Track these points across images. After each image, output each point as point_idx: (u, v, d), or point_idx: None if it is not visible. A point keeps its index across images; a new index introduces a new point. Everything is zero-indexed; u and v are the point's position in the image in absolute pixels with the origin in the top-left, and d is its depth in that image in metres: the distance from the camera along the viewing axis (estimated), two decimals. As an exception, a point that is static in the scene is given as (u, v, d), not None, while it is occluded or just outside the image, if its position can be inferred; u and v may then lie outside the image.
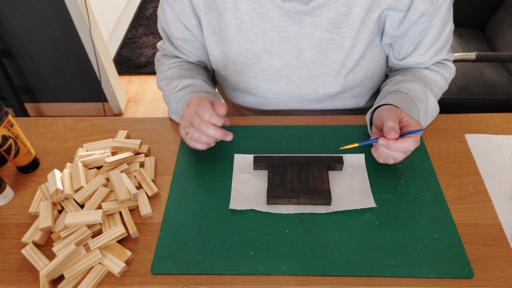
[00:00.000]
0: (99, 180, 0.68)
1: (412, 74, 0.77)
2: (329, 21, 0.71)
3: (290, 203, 0.66)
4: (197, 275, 0.59)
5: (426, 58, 0.76)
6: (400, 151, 0.62)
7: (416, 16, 0.69)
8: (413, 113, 0.71)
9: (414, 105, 0.71)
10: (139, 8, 2.79)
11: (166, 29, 0.82)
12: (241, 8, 0.73)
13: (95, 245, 0.60)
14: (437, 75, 0.77)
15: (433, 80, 0.77)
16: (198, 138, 0.66)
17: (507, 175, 0.70)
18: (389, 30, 0.73)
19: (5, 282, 0.59)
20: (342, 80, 0.78)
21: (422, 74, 0.77)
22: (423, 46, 0.75)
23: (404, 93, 0.73)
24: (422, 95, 0.73)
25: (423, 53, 0.75)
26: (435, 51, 0.76)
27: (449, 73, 0.80)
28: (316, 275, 0.58)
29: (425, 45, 0.74)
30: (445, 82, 0.79)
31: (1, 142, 0.69)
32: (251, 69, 0.79)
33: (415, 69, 0.79)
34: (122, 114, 2.14)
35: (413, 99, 0.72)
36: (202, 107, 0.65)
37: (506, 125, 0.78)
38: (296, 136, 0.78)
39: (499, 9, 1.55)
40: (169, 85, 0.79)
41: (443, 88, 0.80)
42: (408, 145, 0.61)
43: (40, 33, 1.79)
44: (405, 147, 0.61)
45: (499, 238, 0.61)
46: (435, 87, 0.77)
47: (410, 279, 0.57)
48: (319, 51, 0.75)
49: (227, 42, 0.77)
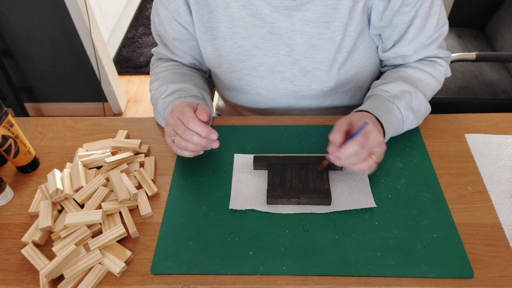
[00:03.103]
0: (99, 180, 0.68)
1: (395, 75, 0.76)
2: (318, 16, 0.71)
3: (290, 203, 0.66)
4: (197, 275, 0.59)
5: (410, 50, 0.75)
6: (349, 157, 0.61)
7: (397, 5, 0.69)
8: (393, 112, 0.70)
9: (392, 103, 0.71)
10: (139, 8, 2.79)
11: (162, 32, 0.82)
12: (231, 5, 0.73)
13: (95, 245, 0.60)
14: (424, 73, 0.76)
15: (419, 79, 0.76)
16: (185, 146, 0.66)
17: (507, 175, 0.70)
18: (374, 20, 0.73)
19: (5, 282, 0.59)
20: (335, 75, 0.78)
21: (406, 74, 0.76)
22: (407, 37, 0.74)
23: (379, 95, 0.73)
24: (400, 93, 0.72)
25: (406, 44, 0.74)
26: (420, 44, 0.74)
27: (439, 71, 0.78)
28: (316, 275, 0.58)
29: (409, 36, 0.73)
30: (434, 80, 0.77)
31: (1, 142, 0.69)
32: (244, 66, 0.79)
33: (399, 70, 0.78)
34: (122, 114, 2.14)
35: (390, 98, 0.71)
36: (185, 114, 0.65)
37: (506, 125, 0.78)
38: (296, 136, 0.78)
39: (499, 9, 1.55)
40: (157, 89, 0.79)
41: (434, 86, 0.78)
42: (348, 150, 0.60)
43: (40, 33, 1.79)
44: (349, 152, 0.60)
45: (499, 237, 0.61)
46: (422, 85, 0.76)
47: (410, 279, 0.57)
48: (310, 47, 0.75)
49: (219, 39, 0.77)
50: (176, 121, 0.66)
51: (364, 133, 0.61)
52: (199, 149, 0.67)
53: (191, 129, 0.64)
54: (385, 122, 0.68)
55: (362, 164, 0.62)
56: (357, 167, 0.62)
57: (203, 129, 0.64)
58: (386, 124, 0.68)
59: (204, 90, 0.82)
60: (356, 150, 0.60)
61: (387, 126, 0.68)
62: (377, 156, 0.63)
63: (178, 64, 0.86)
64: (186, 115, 0.64)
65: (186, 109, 0.65)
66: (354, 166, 0.62)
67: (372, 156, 0.62)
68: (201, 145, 0.65)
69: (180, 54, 0.84)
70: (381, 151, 0.63)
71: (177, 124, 0.65)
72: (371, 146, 0.62)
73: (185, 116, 0.64)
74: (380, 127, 0.66)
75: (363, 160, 0.61)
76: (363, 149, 0.60)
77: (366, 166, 0.62)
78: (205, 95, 0.80)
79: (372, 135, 0.62)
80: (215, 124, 0.82)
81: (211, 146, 0.66)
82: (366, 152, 0.61)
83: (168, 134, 0.68)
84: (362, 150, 0.60)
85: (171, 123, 0.67)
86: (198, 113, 0.65)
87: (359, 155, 0.61)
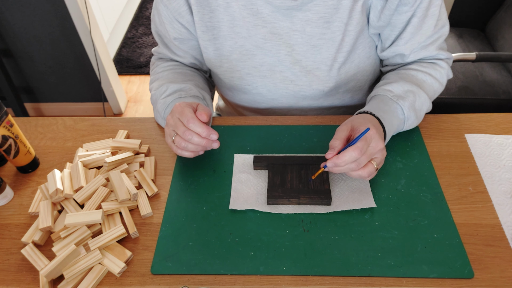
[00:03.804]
0: (99, 180, 0.68)
1: (396, 77, 0.76)
2: (319, 16, 0.71)
3: (290, 203, 0.66)
4: (197, 275, 0.59)
5: (407, 50, 0.75)
6: (349, 163, 0.60)
7: (394, 4, 0.69)
8: (396, 113, 0.70)
9: (396, 104, 0.71)
10: (139, 8, 2.79)
11: (162, 31, 0.81)
12: (232, 5, 0.73)
13: (95, 245, 0.60)
14: (425, 75, 0.76)
15: (422, 81, 0.75)
16: (185, 146, 0.66)
17: (507, 175, 0.70)
18: (373, 19, 0.73)
19: (5, 282, 0.59)
20: (335, 75, 0.78)
21: (408, 75, 0.76)
22: (403, 36, 0.73)
23: (382, 95, 0.72)
24: (404, 93, 0.72)
25: (403, 43, 0.74)
26: (417, 44, 0.74)
27: (440, 72, 0.77)
28: (316, 275, 0.58)
29: (405, 35, 0.73)
30: (436, 82, 0.77)
31: (1, 142, 0.69)
32: (244, 66, 0.79)
33: (400, 72, 0.78)
34: (122, 114, 2.14)
35: (394, 98, 0.71)
36: (185, 114, 0.65)
37: (506, 125, 0.78)
38: (296, 136, 0.78)
39: (499, 9, 1.55)
40: (158, 89, 0.79)
41: (436, 88, 0.77)
42: (348, 156, 0.59)
43: (40, 33, 1.79)
44: (349, 159, 0.59)
45: (499, 238, 0.61)
46: (425, 86, 0.75)
47: (410, 279, 0.57)
48: (311, 47, 0.75)
49: (220, 39, 0.77)
50: (176, 121, 0.66)
51: (365, 139, 0.60)
52: (199, 150, 0.67)
53: (191, 130, 0.64)
54: (387, 125, 0.68)
55: (362, 171, 0.61)
56: (357, 173, 0.61)
57: (203, 130, 0.64)
58: (388, 127, 0.68)
59: (204, 90, 0.82)
60: (356, 157, 0.59)
61: (388, 129, 0.68)
62: (378, 162, 0.62)
63: (178, 64, 0.86)
64: (186, 115, 0.64)
65: (186, 109, 0.65)
66: (354, 172, 0.62)
67: (373, 162, 0.62)
68: (201, 145, 0.65)
69: (181, 54, 0.84)
70: (382, 157, 0.63)
71: (177, 124, 0.65)
72: (372, 152, 0.61)
73: (185, 117, 0.64)
74: (381, 131, 0.65)
75: (363, 166, 0.61)
76: (363, 155, 0.60)
77: (366, 173, 0.61)
78: (205, 95, 0.80)
79: (374, 141, 0.61)
80: (215, 124, 0.82)
81: (211, 146, 0.66)
82: (367, 159, 0.61)
83: (168, 135, 0.68)
84: (362, 156, 0.60)
85: (171, 123, 0.67)
86: (198, 114, 0.65)
87: (359, 161, 0.60)
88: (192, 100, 0.75)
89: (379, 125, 0.66)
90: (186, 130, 0.64)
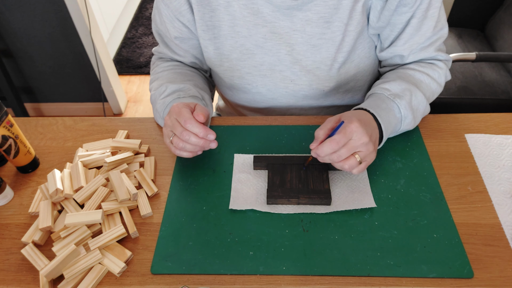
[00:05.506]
0: (99, 180, 0.68)
1: (394, 76, 0.76)
2: (320, 16, 0.72)
3: (290, 203, 0.66)
4: (197, 275, 0.59)
5: (405, 50, 0.75)
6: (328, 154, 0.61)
7: (394, 5, 0.69)
8: (393, 111, 0.70)
9: (392, 102, 0.71)
10: (139, 8, 2.79)
11: (163, 31, 0.82)
12: (233, 4, 0.73)
13: (95, 245, 0.60)
14: (423, 75, 0.76)
15: (419, 80, 0.75)
16: (183, 147, 0.66)
17: (507, 175, 0.70)
18: (373, 19, 0.73)
19: (5, 282, 0.59)
20: (335, 75, 0.78)
21: (405, 74, 0.76)
22: (402, 36, 0.74)
23: (379, 93, 0.73)
24: (401, 91, 0.72)
25: (402, 44, 0.74)
26: (416, 45, 0.74)
27: (438, 73, 0.77)
28: (316, 275, 0.58)
29: (404, 35, 0.73)
30: (434, 82, 0.76)
31: (1, 142, 0.69)
32: (245, 65, 0.80)
33: (398, 71, 0.78)
34: (122, 114, 2.14)
35: (391, 97, 0.71)
36: (182, 115, 0.65)
37: (506, 125, 0.78)
38: (296, 136, 0.78)
39: (499, 9, 1.55)
40: (157, 89, 0.79)
41: (433, 88, 0.77)
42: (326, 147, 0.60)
43: (40, 33, 1.79)
44: (327, 150, 0.61)
45: (499, 238, 0.61)
46: (422, 86, 0.75)
47: (410, 279, 0.57)
48: (311, 46, 0.75)
49: (221, 38, 0.77)
50: (174, 122, 0.66)
51: (345, 132, 0.61)
52: (197, 150, 0.67)
53: (188, 130, 0.64)
54: (383, 122, 0.68)
55: (343, 163, 0.62)
56: (339, 165, 0.63)
57: (200, 130, 0.64)
58: (385, 124, 0.68)
59: (203, 90, 0.82)
60: (334, 148, 0.60)
61: (386, 126, 0.68)
62: (362, 156, 0.62)
63: (178, 64, 0.86)
64: (183, 116, 0.65)
65: (184, 110, 0.66)
66: (336, 164, 0.63)
67: (356, 156, 0.62)
68: (199, 145, 0.65)
69: (181, 53, 0.84)
70: (367, 152, 0.62)
71: (174, 125, 0.66)
72: (354, 145, 0.61)
73: (182, 117, 0.64)
74: (374, 127, 0.65)
75: (345, 159, 0.62)
76: (342, 147, 0.61)
77: (347, 165, 0.62)
78: (204, 95, 0.80)
79: (356, 134, 0.61)
80: (215, 124, 0.82)
81: (209, 146, 0.66)
82: (348, 151, 0.61)
83: (166, 135, 0.68)
84: (341, 149, 0.61)
85: (169, 124, 0.67)
86: (195, 114, 0.65)
87: (338, 153, 0.61)
88: (190, 100, 0.75)
89: (371, 121, 0.66)
90: (184, 131, 0.64)
